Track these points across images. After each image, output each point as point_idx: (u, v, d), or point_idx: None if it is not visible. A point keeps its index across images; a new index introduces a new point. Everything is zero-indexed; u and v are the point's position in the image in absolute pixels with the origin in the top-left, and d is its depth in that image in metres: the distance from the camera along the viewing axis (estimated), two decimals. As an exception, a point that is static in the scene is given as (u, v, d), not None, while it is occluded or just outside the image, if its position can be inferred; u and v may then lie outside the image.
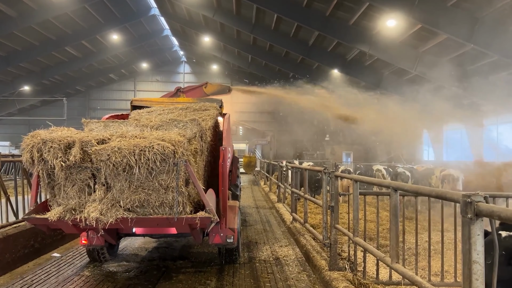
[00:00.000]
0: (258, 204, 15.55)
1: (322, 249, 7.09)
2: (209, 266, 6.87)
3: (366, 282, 5.18)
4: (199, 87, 12.90)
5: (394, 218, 3.73)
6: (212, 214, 5.12)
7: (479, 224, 2.26)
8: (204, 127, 6.38)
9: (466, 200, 2.26)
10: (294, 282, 6.08)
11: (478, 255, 2.25)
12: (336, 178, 6.11)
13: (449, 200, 2.73)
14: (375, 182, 4.88)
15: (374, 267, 5.49)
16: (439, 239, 5.19)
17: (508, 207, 4.72)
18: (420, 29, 20.09)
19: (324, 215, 6.64)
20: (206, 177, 6.54)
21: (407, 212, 10.69)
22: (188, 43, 40.76)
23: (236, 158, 9.79)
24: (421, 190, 3.31)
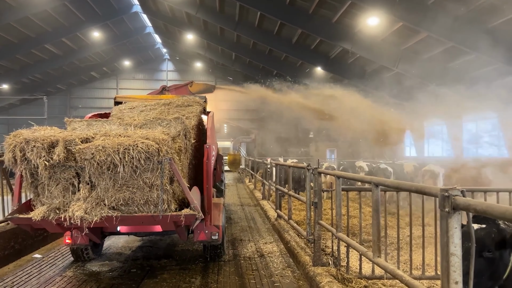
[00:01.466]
0: (243, 202, 15.57)
1: (306, 245, 7.15)
2: (193, 264, 6.87)
3: (350, 276, 5.25)
4: (185, 86, 12.86)
5: (375, 213, 3.79)
6: (197, 211, 5.16)
7: (456, 217, 2.31)
8: (188, 125, 6.39)
9: (444, 194, 2.32)
10: (278, 278, 6.12)
11: (455, 247, 2.31)
12: (319, 174, 6.17)
13: (428, 194, 2.78)
14: (357, 178, 4.95)
15: (357, 262, 5.55)
16: (420, 233, 5.29)
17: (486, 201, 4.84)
18: (401, 27, 20.36)
19: (308, 211, 6.70)
20: (191, 175, 6.56)
21: (390, 207, 10.86)
22: (171, 41, 40.48)
23: (220, 156, 9.81)
24: (401, 185, 3.38)
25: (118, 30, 36.83)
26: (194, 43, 36.80)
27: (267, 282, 5.96)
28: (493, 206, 1.97)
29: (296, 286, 5.81)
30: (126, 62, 45.90)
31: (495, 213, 1.94)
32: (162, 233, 6.48)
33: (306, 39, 27.73)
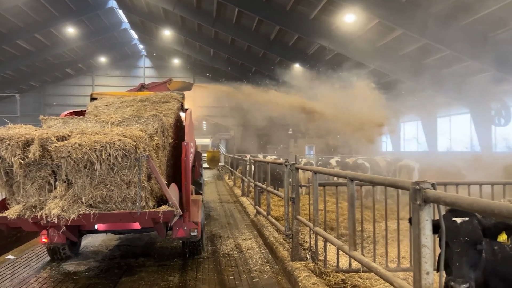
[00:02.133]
0: (222, 199, 15.55)
1: (285, 240, 7.21)
2: (172, 261, 6.83)
3: (327, 270, 5.33)
4: (163, 84, 12.73)
5: (351, 207, 3.86)
6: (175, 207, 5.19)
7: (427, 210, 2.38)
8: (165, 122, 6.41)
9: (415, 187, 2.38)
10: (257, 274, 6.16)
11: (426, 239, 2.38)
12: (296, 170, 6.22)
13: (401, 188, 2.85)
14: (333, 173, 5.02)
15: (335, 256, 5.64)
16: (396, 227, 5.41)
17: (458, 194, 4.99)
18: (377, 24, 20.63)
19: (286, 207, 6.75)
20: (169, 172, 6.57)
21: (366, 201, 11.04)
22: (148, 37, 39.91)
23: (199, 153, 9.78)
24: (375, 179, 3.44)
25: (93, 26, 36.06)
26: (171, 39, 36.39)
27: (246, 278, 5.98)
28: (461, 198, 2.04)
29: (274, 281, 5.86)
30: (102, 59, 45.02)
31: (463, 204, 2.00)
32: (141, 230, 6.45)
33: (284, 36, 27.80)
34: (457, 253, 2.49)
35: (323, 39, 24.07)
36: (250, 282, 5.84)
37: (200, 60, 41.78)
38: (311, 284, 4.89)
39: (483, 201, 1.91)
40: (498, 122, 22.59)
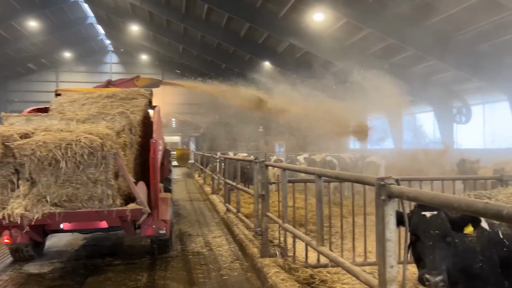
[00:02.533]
0: (192, 197, 15.44)
1: (255, 237, 7.23)
2: (140, 260, 6.73)
3: (296, 266, 5.38)
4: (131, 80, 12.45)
5: (319, 203, 3.91)
6: (143, 205, 5.16)
7: (391, 205, 2.44)
8: (133, 120, 6.34)
9: (380, 183, 2.44)
10: (227, 271, 6.15)
11: (391, 233, 2.44)
12: (266, 167, 6.25)
13: (366, 183, 2.91)
14: (301, 169, 5.08)
15: (304, 252, 5.71)
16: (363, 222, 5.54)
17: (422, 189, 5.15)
18: (345, 23, 21.00)
19: (255, 204, 6.78)
20: (137, 170, 6.48)
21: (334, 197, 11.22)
22: (115, 32, 39.01)
23: (168, 151, 9.64)
24: (341, 175, 3.51)
25: (57, 20, 34.86)
26: (139, 34, 35.71)
27: (216, 276, 5.97)
28: (423, 193, 2.10)
29: (244, 278, 5.87)
30: (67, 54, 43.63)
31: (425, 199, 2.07)
32: (108, 229, 6.36)
33: (254, 33, 27.84)
34: (429, 246, 2.57)
35: (293, 37, 24.27)
36: (219, 279, 5.83)
37: (169, 56, 41.25)
38: (280, 280, 4.93)
39: (443, 195, 1.98)
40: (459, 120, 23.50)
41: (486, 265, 3.15)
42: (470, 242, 3.10)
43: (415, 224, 2.72)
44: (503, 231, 3.30)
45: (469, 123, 23.14)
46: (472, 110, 22.75)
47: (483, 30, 17.04)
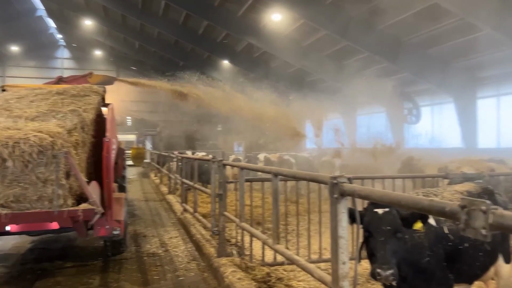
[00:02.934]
0: (148, 197, 15.12)
1: (212, 237, 7.19)
2: (92, 263, 6.51)
3: (253, 265, 5.41)
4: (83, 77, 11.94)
5: (275, 202, 3.95)
6: (96, 205, 5.05)
7: (344, 203, 2.50)
8: (85, 118, 6.16)
9: (333, 181, 2.49)
10: (183, 272, 6.08)
11: (343, 230, 2.50)
12: (224, 166, 6.23)
13: (321, 182, 2.97)
14: (259, 168, 5.11)
15: (261, 250, 5.75)
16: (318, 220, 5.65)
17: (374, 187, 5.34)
18: (302, 24, 21.33)
19: (213, 203, 6.74)
20: (90, 169, 6.31)
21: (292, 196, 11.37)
22: (67, 26, 37.38)
23: (122, 150, 9.42)
24: (297, 174, 3.56)
25: (3, 11, 32.90)
26: (93, 29, 34.45)
27: (171, 277, 5.88)
28: (373, 191, 2.18)
29: (200, 278, 5.82)
30: (14, 48, 41.28)
31: (375, 197, 2.14)
32: (59, 230, 6.10)
33: (213, 32, 27.67)
34: (381, 242, 2.66)
35: (251, 36, 24.35)
36: (175, 280, 5.75)
37: (124, 52, 40.13)
38: (237, 279, 4.93)
39: (392, 193, 2.06)
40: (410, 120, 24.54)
41: (433, 259, 3.31)
42: (418, 237, 3.25)
43: (368, 221, 2.81)
44: (448, 227, 3.48)
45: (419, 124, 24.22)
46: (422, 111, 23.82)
47: (432, 35, 17.89)
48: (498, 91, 19.03)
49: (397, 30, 18.65)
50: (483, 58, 17.89)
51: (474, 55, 17.70)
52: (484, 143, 19.28)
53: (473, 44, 16.65)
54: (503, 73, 18.06)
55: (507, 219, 1.31)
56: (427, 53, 19.54)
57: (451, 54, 18.79)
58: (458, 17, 15.05)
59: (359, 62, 23.08)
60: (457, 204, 1.50)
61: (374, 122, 28.77)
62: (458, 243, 3.47)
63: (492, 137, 19.19)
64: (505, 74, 18.03)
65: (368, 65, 23.14)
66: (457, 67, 19.54)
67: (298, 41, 23.78)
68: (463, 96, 19.79)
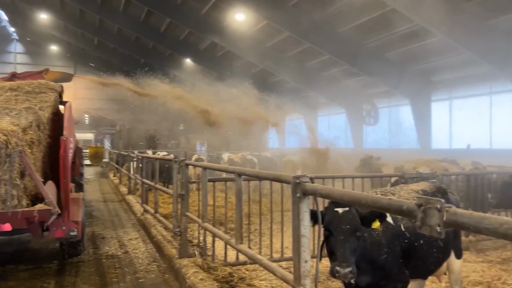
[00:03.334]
0: (107, 197, 14.70)
1: (173, 238, 7.10)
2: (47, 266, 6.24)
3: (215, 265, 5.39)
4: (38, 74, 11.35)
5: (238, 201, 3.95)
6: (52, 206, 4.93)
7: (306, 202, 2.55)
8: (41, 115, 5.94)
9: (295, 181, 2.53)
10: (143, 274, 5.95)
11: (305, 229, 2.54)
12: (186, 166, 6.16)
13: (284, 182, 3.01)
14: (222, 168, 5.09)
15: (223, 251, 5.74)
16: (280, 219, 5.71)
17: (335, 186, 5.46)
18: (266, 25, 21.47)
19: (174, 204, 6.66)
20: (46, 168, 6.12)
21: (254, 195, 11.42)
22: (21, 19, 35.65)
23: (79, 149, 9.15)
24: (260, 174, 3.58)
25: (-51, 1, 31.03)
26: (49, 23, 33.04)
27: (131, 279, 5.75)
28: (334, 190, 2.23)
29: (161, 280, 5.73)
30: (-39, 40, 39.00)
31: (335, 196, 2.19)
32: (12, 232, 5.86)
33: (175, 29, 27.31)
34: (340, 240, 2.72)
35: (215, 35, 24.23)
36: (135, 282, 5.62)
37: (82, 48, 38.80)
38: (199, 280, 4.89)
39: (352, 192, 2.12)
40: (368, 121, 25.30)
41: (391, 256, 3.43)
42: (377, 235, 3.35)
43: (329, 220, 2.87)
44: (404, 225, 3.62)
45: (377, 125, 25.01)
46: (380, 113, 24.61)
47: (389, 40, 18.53)
48: (451, 94, 19.99)
49: (357, 33, 19.18)
50: (437, 63, 18.75)
51: (429, 59, 18.50)
52: (437, 144, 20.21)
53: (428, 49, 17.40)
54: (455, 77, 19.01)
55: (460, 217, 1.38)
56: (385, 57, 20.22)
57: (408, 58, 19.54)
58: (414, 23, 15.67)
59: (320, 64, 23.53)
60: (413, 202, 1.57)
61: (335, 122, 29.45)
62: (413, 240, 3.61)
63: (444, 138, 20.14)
64: (457, 78, 18.99)
65: (329, 67, 23.63)
66: (413, 71, 20.36)
67: (262, 42, 23.91)
68: (419, 98, 20.64)
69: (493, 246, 6.88)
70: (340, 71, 23.35)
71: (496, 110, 17.50)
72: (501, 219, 1.27)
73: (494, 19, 14.39)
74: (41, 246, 7.40)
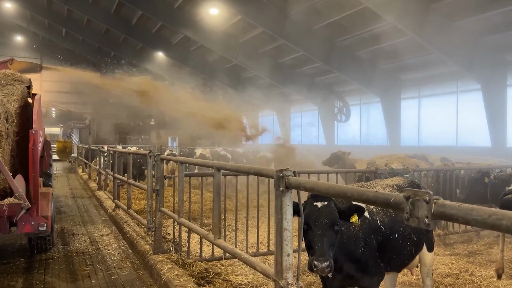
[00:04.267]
0: (76, 193, 14.30)
1: (147, 234, 6.98)
2: (14, 264, 6.00)
3: (190, 261, 5.34)
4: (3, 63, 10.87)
5: (217, 196, 3.92)
6: (23, 199, 4.86)
7: (289, 196, 2.54)
8: (9, 108, 5.73)
9: (279, 175, 2.52)
10: (116, 270, 5.82)
11: (288, 223, 2.54)
12: (161, 161, 6.06)
13: (265, 176, 2.99)
14: (200, 163, 5.03)
15: (198, 246, 5.69)
16: (256, 214, 5.71)
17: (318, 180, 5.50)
18: (240, 20, 21.35)
19: (149, 199, 6.53)
20: (14, 162, 5.97)
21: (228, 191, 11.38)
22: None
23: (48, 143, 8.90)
24: (241, 168, 3.56)
25: None
26: (13, 12, 31.62)
27: (104, 276, 5.61)
28: (319, 184, 2.23)
29: (135, 276, 5.62)
30: None
31: (321, 189, 2.20)
32: None
33: (147, 22, 26.76)
34: (319, 234, 2.73)
35: (188, 29, 23.91)
36: (108, 280, 5.49)
37: (49, 39, 37.45)
38: (175, 276, 4.83)
39: (338, 185, 2.13)
40: (339, 118, 25.66)
41: (367, 249, 3.48)
42: (354, 229, 3.40)
43: (307, 214, 2.87)
44: (380, 219, 3.69)
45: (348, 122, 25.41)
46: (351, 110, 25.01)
47: (362, 38, 18.82)
48: (419, 92, 20.55)
49: (330, 31, 19.36)
50: (407, 61, 19.20)
51: (399, 58, 18.93)
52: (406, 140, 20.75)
53: (398, 48, 17.79)
54: (424, 76, 19.54)
55: (448, 208, 1.41)
56: (357, 55, 20.53)
57: (379, 56, 19.92)
58: (385, 22, 15.96)
59: (294, 60, 23.63)
60: (402, 195, 1.58)
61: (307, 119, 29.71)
62: (389, 234, 3.69)
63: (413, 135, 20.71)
64: (425, 77, 19.53)
65: (302, 64, 23.77)
66: (384, 69, 20.78)
67: (236, 37, 23.78)
68: (389, 96, 21.10)
69: (460, 240, 7.15)
70: (313, 68, 23.54)
71: (462, 108, 18.13)
72: (489, 210, 1.30)
73: (461, 20, 14.85)
74: (7, 242, 7.13)
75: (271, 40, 21.91)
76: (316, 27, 19.33)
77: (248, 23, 21.08)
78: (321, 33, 19.65)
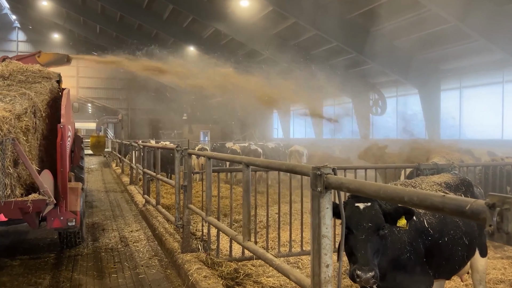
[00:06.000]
0: (108, 188, 14.42)
1: (176, 231, 6.78)
2: (43, 261, 5.94)
3: (219, 260, 5.09)
4: (31, 56, 10.96)
5: (246, 194, 3.60)
6: (48, 195, 4.79)
7: (328, 197, 2.18)
8: (37, 102, 5.67)
9: (316, 172, 2.16)
10: (144, 269, 5.63)
11: (327, 229, 2.19)
12: (189, 156, 5.82)
13: (299, 173, 2.65)
14: (228, 158, 4.74)
15: (228, 244, 5.42)
16: (288, 210, 5.38)
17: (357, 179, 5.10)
18: (271, 12, 20.90)
19: (177, 195, 6.32)
20: (43, 157, 5.96)
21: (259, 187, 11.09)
22: (22, 6, 35.16)
23: (79, 137, 8.95)
24: (272, 165, 3.22)
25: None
26: (50, 11, 32.53)
27: (131, 275, 5.43)
28: (365, 185, 1.86)
29: (163, 276, 5.41)
30: (-37, 28, 38.56)
31: (369, 191, 1.82)
32: (8, 222, 5.74)
33: (178, 16, 26.76)
34: (362, 240, 2.40)
35: (218, 22, 23.68)
36: (135, 279, 5.30)
37: (85, 36, 38.31)
38: (203, 278, 4.57)
39: (390, 187, 1.74)
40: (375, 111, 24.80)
41: (413, 255, 3.10)
42: (398, 232, 3.02)
43: (348, 217, 2.53)
44: (427, 220, 3.28)
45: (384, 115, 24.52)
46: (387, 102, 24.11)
47: (399, 27, 17.96)
48: (461, 83, 19.46)
49: (365, 20, 18.59)
50: (447, 50, 18.19)
51: (439, 47, 17.95)
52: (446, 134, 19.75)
53: (438, 36, 16.85)
54: (466, 65, 18.45)
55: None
56: (394, 45, 19.65)
57: (416, 46, 18.97)
58: (425, 8, 15.11)
59: (326, 52, 22.96)
60: (483, 202, 1.20)
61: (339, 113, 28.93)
62: (438, 238, 3.29)
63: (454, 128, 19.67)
64: (467, 66, 18.43)
65: (336, 56, 23.06)
66: (422, 59, 19.79)
67: (267, 29, 23.34)
68: (428, 87, 20.11)
69: None
70: (347, 59, 22.79)
71: (509, 99, 16.98)
72: None
73: (509, 4, 13.82)
74: (38, 237, 7.13)
75: (303, 31, 21.35)
76: (350, 16, 18.62)
77: (279, 14, 20.60)
78: (355, 22, 18.91)
